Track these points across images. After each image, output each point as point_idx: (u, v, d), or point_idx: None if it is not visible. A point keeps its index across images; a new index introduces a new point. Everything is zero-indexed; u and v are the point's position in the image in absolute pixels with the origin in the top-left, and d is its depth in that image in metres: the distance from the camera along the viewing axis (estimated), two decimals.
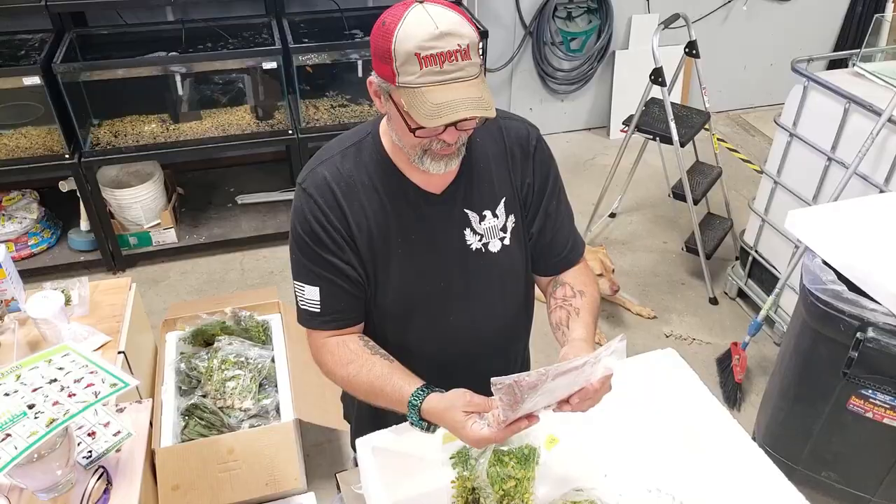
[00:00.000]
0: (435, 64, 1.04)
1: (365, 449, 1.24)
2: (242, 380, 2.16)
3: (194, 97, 3.35)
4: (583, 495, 1.38)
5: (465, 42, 1.05)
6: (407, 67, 1.05)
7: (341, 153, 1.26)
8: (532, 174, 1.32)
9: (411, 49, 1.03)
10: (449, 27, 1.04)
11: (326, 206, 1.22)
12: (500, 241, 1.31)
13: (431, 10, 1.05)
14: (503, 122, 1.31)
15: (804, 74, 2.62)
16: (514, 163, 1.31)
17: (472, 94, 1.07)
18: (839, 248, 1.87)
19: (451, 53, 1.04)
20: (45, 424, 1.23)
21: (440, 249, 1.28)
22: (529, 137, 1.32)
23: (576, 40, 4.28)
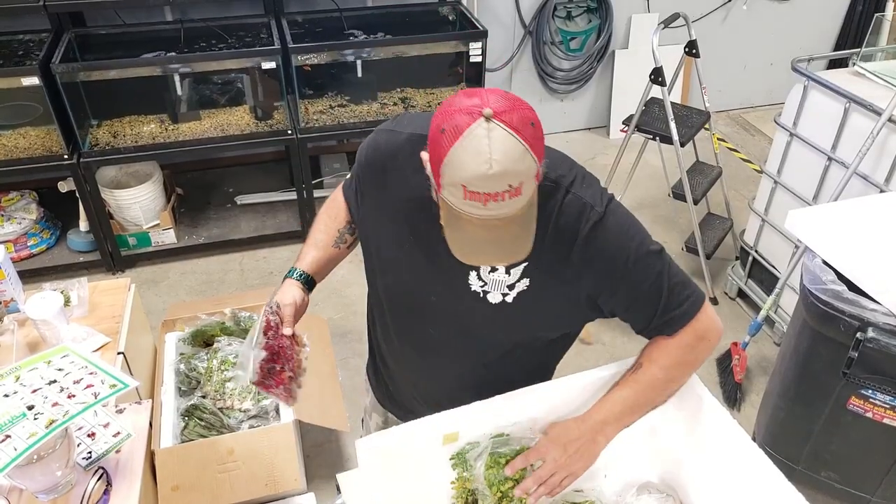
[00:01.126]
0: (479, 200, 0.98)
1: (365, 450, 1.23)
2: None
3: (193, 97, 3.34)
4: (583, 496, 1.38)
5: (520, 180, 0.97)
6: (452, 190, 0.99)
7: (409, 136, 1.24)
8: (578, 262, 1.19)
9: (459, 180, 0.97)
10: (504, 167, 0.95)
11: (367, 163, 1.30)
12: (503, 297, 1.25)
13: (494, 134, 0.95)
14: (566, 193, 1.19)
15: (804, 74, 2.62)
16: (558, 240, 1.18)
17: (509, 234, 1.03)
18: (839, 248, 1.87)
19: (499, 194, 0.97)
20: (45, 425, 1.23)
21: (442, 271, 1.24)
22: (584, 223, 1.18)
23: (575, 40, 4.28)
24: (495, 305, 1.25)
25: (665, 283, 1.24)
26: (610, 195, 1.24)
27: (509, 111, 0.98)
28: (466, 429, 1.31)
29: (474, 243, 1.05)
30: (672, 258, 1.30)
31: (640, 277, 1.22)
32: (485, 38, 3.36)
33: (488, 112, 0.95)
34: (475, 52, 3.38)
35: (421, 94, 3.57)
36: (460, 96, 1.01)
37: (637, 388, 1.30)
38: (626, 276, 1.21)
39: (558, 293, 1.24)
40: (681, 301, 1.25)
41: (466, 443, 1.32)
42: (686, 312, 1.26)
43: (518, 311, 1.25)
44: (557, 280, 1.22)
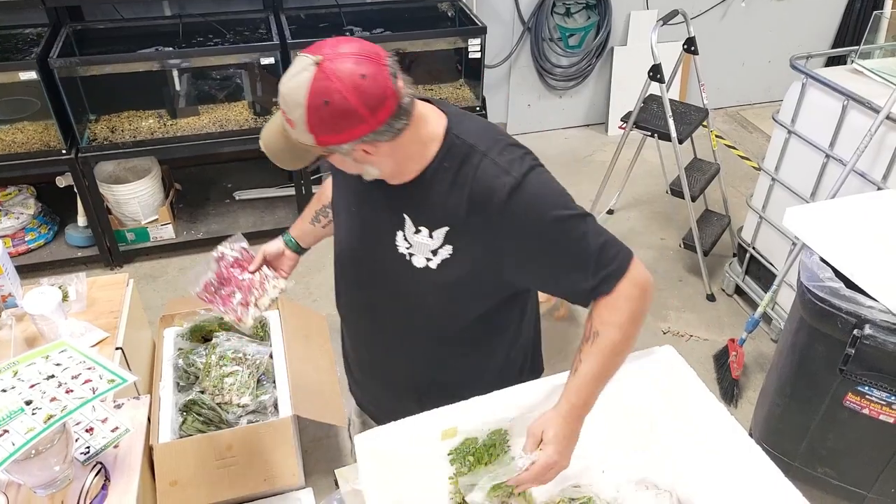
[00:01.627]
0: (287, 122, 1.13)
1: (364, 445, 1.24)
2: (240, 376, 2.16)
3: (192, 92, 3.34)
4: (581, 491, 1.38)
5: (291, 117, 1.09)
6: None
7: None
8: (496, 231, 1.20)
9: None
10: (284, 97, 1.09)
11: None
12: (426, 261, 1.26)
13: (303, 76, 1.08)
14: (481, 158, 1.20)
15: (803, 71, 2.62)
16: (473, 207, 1.20)
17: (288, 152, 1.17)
18: (837, 245, 1.87)
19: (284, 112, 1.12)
20: (43, 420, 1.23)
21: (374, 234, 1.32)
22: (499, 190, 1.18)
23: (574, 36, 4.27)
24: (420, 270, 1.28)
25: (591, 242, 1.22)
26: (532, 163, 1.23)
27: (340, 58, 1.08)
28: (464, 424, 1.31)
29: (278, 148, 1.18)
30: (667, 253, 1.30)
31: (564, 241, 1.21)
32: (484, 35, 3.35)
33: (318, 59, 1.06)
34: (474, 48, 3.38)
35: (419, 90, 3.57)
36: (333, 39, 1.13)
37: (601, 359, 1.24)
38: (549, 240, 1.21)
39: (483, 264, 1.24)
40: (612, 257, 1.24)
41: (465, 438, 1.33)
42: (620, 266, 1.24)
43: (442, 279, 1.27)
44: (480, 248, 1.22)
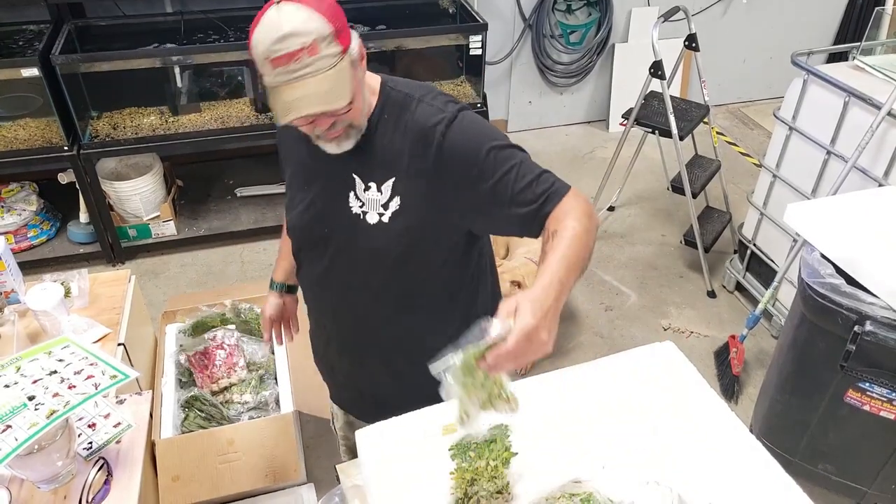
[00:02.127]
0: (283, 64, 1.10)
1: (364, 440, 1.24)
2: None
3: (193, 89, 3.34)
4: (581, 487, 1.38)
5: (311, 38, 1.09)
6: (264, 69, 1.12)
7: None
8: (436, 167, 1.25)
9: (262, 54, 1.11)
10: (293, 26, 1.08)
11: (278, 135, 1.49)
12: (378, 216, 1.31)
13: (283, 9, 1.09)
14: (417, 104, 1.27)
15: (804, 68, 2.62)
16: (415, 149, 1.26)
17: (321, 88, 1.12)
18: (838, 241, 1.87)
19: (296, 53, 1.09)
20: (46, 416, 1.23)
21: (328, 200, 1.36)
22: (435, 123, 1.24)
23: (575, 33, 4.27)
24: (374, 226, 1.32)
25: (531, 167, 1.25)
26: (465, 104, 1.31)
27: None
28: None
29: (287, 104, 1.13)
30: (668, 250, 1.29)
31: (505, 167, 1.24)
32: (485, 31, 3.35)
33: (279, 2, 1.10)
34: (475, 45, 3.38)
35: None
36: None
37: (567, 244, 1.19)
38: (490, 168, 1.23)
39: (432, 207, 1.28)
40: (552, 180, 1.26)
41: (466, 434, 1.33)
42: (562, 186, 1.26)
43: (396, 231, 1.30)
44: (426, 191, 1.27)
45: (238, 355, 2.16)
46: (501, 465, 1.35)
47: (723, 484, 1.32)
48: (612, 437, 1.36)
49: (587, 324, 3.09)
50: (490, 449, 1.34)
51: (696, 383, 1.38)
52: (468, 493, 1.36)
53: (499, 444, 1.35)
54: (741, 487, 1.28)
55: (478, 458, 1.33)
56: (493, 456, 1.34)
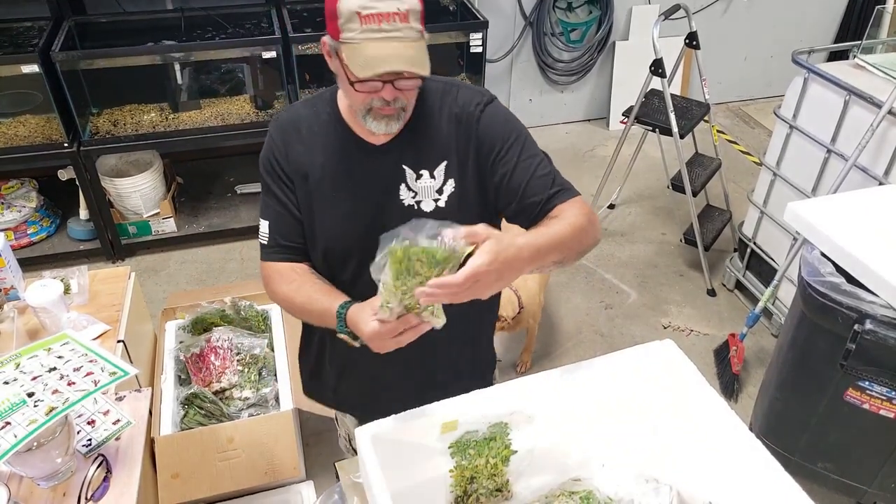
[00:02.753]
0: (374, 22, 1.12)
1: (364, 438, 1.24)
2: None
3: (193, 86, 3.34)
4: (580, 485, 1.38)
5: (405, 7, 1.13)
6: (349, 25, 1.13)
7: (304, 102, 1.40)
8: (476, 142, 1.32)
9: (353, 8, 1.11)
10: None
11: (278, 142, 1.35)
12: (434, 202, 1.33)
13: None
14: (457, 89, 1.35)
15: (804, 66, 2.61)
16: (461, 129, 1.32)
17: (407, 52, 1.15)
18: (838, 240, 1.87)
19: (390, 14, 1.12)
20: (45, 413, 1.23)
21: (374, 198, 1.33)
22: (476, 103, 1.33)
23: (576, 31, 4.26)
24: (431, 213, 1.33)
25: (550, 165, 1.36)
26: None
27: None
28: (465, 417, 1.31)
29: (375, 57, 1.14)
30: (668, 248, 1.31)
31: (530, 152, 1.34)
32: (485, 29, 3.35)
33: None
34: (475, 42, 3.38)
35: None
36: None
37: (557, 228, 1.23)
38: (518, 146, 1.32)
39: (478, 184, 1.34)
40: (567, 182, 1.35)
41: (466, 431, 1.33)
42: (572, 187, 1.35)
43: (452, 216, 1.25)
44: (473, 168, 1.33)
45: (231, 359, 2.17)
46: (501, 463, 1.36)
47: (722, 482, 1.32)
48: (612, 435, 1.36)
49: (587, 322, 3.09)
50: (489, 447, 1.34)
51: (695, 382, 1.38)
52: (467, 491, 1.36)
53: (498, 441, 1.35)
54: (740, 486, 1.27)
55: (477, 456, 1.34)
56: (493, 454, 1.34)
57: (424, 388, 1.49)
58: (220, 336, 2.22)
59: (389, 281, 1.10)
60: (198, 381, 2.12)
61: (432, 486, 1.35)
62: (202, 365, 2.15)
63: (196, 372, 2.14)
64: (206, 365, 2.14)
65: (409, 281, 1.10)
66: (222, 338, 2.21)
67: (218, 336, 2.22)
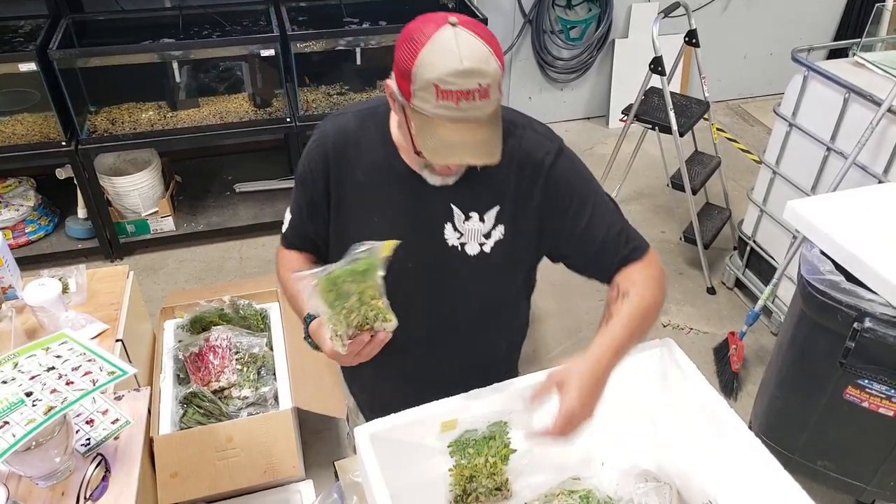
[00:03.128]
0: (452, 99, 1.02)
1: (363, 437, 1.24)
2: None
3: (192, 84, 3.33)
4: (581, 484, 1.38)
5: (487, 81, 1.03)
6: (424, 94, 1.04)
7: (354, 114, 1.31)
8: (543, 194, 1.26)
9: (431, 79, 1.02)
10: (474, 64, 1.01)
11: (318, 156, 1.29)
12: (480, 246, 1.28)
13: (461, 36, 1.02)
14: (523, 131, 1.26)
15: (804, 64, 2.61)
16: (522, 177, 1.25)
17: (482, 136, 1.07)
18: (837, 238, 1.87)
19: (471, 92, 1.02)
20: (43, 412, 1.23)
21: (416, 233, 1.27)
22: (545, 152, 1.25)
23: (575, 29, 4.26)
24: (474, 257, 1.28)
25: (622, 219, 1.32)
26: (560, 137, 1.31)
27: (472, 23, 1.06)
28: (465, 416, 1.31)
29: (448, 145, 1.07)
30: (667, 246, 1.34)
31: (603, 205, 1.29)
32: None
33: (454, 20, 1.03)
34: None
35: None
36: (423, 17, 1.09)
37: (633, 313, 1.25)
38: (592, 201, 1.28)
39: (531, 234, 1.29)
40: (636, 234, 1.33)
41: (465, 430, 1.33)
42: (644, 243, 1.33)
43: (496, 260, 1.28)
44: (530, 218, 1.27)
45: (230, 358, 2.16)
46: (500, 462, 1.35)
47: (722, 481, 1.32)
48: (612, 434, 1.36)
49: (586, 320, 3.09)
50: (489, 446, 1.34)
51: (695, 380, 1.37)
52: (467, 490, 1.36)
53: (498, 440, 1.35)
54: (740, 484, 1.27)
55: (476, 455, 1.33)
56: (492, 453, 1.34)
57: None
58: (219, 335, 2.21)
59: (328, 311, 1.12)
60: (197, 380, 2.12)
61: (432, 485, 1.35)
62: (201, 364, 2.15)
63: (195, 371, 2.14)
64: (205, 364, 2.14)
65: (345, 303, 1.12)
66: (221, 337, 2.21)
67: (217, 335, 2.21)
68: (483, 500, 1.37)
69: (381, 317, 1.16)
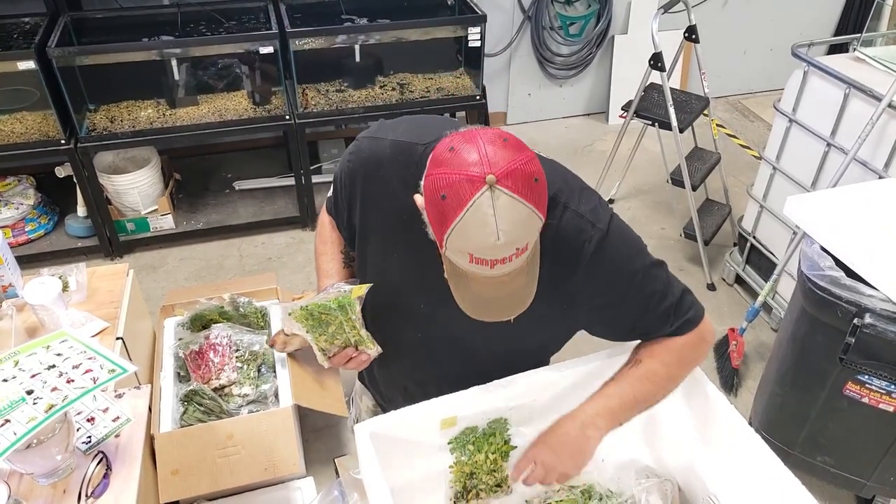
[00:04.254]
0: (486, 265, 0.97)
1: (363, 434, 1.24)
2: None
3: (191, 82, 3.33)
4: (580, 479, 1.38)
5: (525, 242, 0.97)
6: (456, 255, 0.99)
7: (391, 143, 1.22)
8: (579, 282, 1.18)
9: (465, 249, 0.96)
10: (511, 236, 0.94)
11: (348, 172, 1.27)
12: None
13: (500, 202, 0.92)
14: (563, 211, 1.14)
15: (804, 59, 2.61)
16: (557, 260, 1.15)
17: (518, 285, 1.03)
18: (837, 234, 1.87)
19: (506, 258, 0.96)
20: (44, 410, 1.23)
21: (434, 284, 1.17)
22: (585, 242, 1.14)
23: (575, 25, 4.25)
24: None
25: (675, 290, 1.24)
26: (610, 210, 1.20)
27: (512, 173, 0.93)
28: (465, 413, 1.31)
29: (483, 301, 1.05)
30: (667, 243, 1.31)
31: (650, 290, 1.21)
32: (483, 23, 3.34)
33: (491, 179, 0.91)
34: (474, 36, 3.37)
35: (419, 79, 3.55)
36: (458, 151, 0.96)
37: (634, 383, 1.25)
38: (636, 291, 1.20)
39: (555, 312, 1.23)
40: (688, 306, 1.25)
41: (465, 427, 1.33)
42: (696, 315, 1.26)
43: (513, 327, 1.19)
44: (557, 299, 1.20)
45: (230, 355, 2.16)
46: (501, 458, 1.36)
47: (722, 476, 1.32)
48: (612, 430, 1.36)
49: None
50: (489, 442, 1.34)
51: (695, 376, 1.38)
52: (467, 486, 1.36)
53: (498, 437, 1.35)
54: (740, 480, 1.28)
55: (477, 452, 1.34)
56: (493, 449, 1.34)
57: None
58: (219, 333, 2.21)
59: (309, 336, 1.25)
60: (197, 377, 2.12)
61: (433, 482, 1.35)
62: (201, 362, 2.15)
63: (195, 369, 2.14)
64: (206, 362, 2.14)
65: (327, 329, 1.25)
66: (221, 335, 2.21)
67: (217, 333, 2.21)
68: (484, 496, 1.37)
69: (363, 344, 1.28)
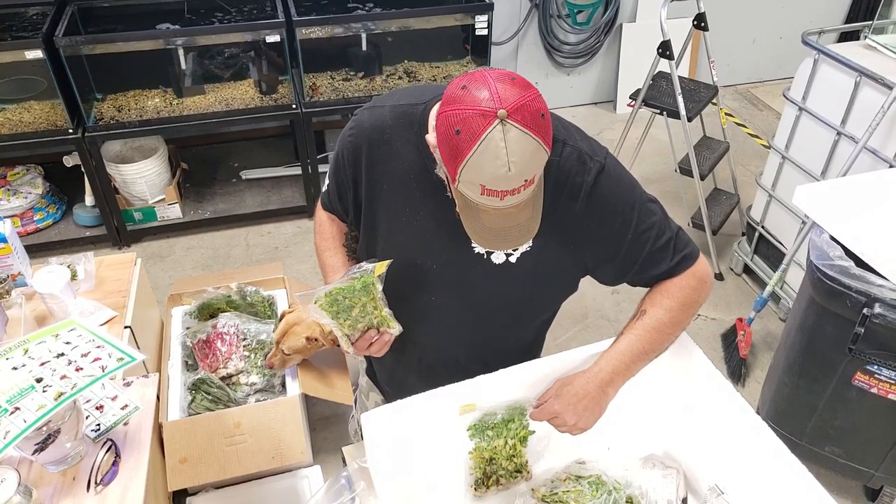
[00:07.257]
0: (497, 196, 1.02)
1: (370, 423, 1.24)
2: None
3: (197, 71, 3.32)
4: (587, 469, 1.39)
5: (533, 174, 1.02)
6: (469, 186, 1.03)
7: (391, 108, 1.27)
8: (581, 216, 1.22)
9: (477, 181, 1.01)
10: (521, 167, 0.99)
11: (351, 146, 1.29)
12: (506, 256, 1.28)
13: (511, 135, 0.97)
14: (562, 148, 1.20)
15: (815, 47, 2.58)
16: (558, 196, 1.20)
17: (525, 216, 1.08)
18: (847, 223, 1.86)
19: (516, 189, 1.01)
20: (54, 398, 1.24)
21: (444, 238, 1.27)
22: (585, 175, 1.20)
23: (582, 13, 4.22)
24: (499, 266, 1.28)
25: (669, 226, 1.30)
26: (605, 148, 1.26)
27: (521, 108, 0.98)
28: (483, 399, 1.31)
29: (492, 231, 1.10)
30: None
31: (649, 222, 1.26)
32: (491, 11, 3.32)
33: (502, 113, 0.97)
34: (481, 24, 3.35)
35: (426, 68, 3.54)
36: (470, 89, 1.01)
37: (643, 335, 1.29)
38: (636, 222, 1.25)
39: (560, 252, 1.28)
40: (685, 242, 1.32)
41: (483, 414, 1.33)
42: (693, 251, 1.32)
43: (520, 272, 1.28)
44: (561, 236, 1.25)
45: (237, 344, 2.17)
46: (519, 444, 1.36)
47: (730, 466, 1.32)
48: (619, 418, 1.36)
49: (593, 307, 3.08)
50: (507, 428, 1.35)
51: (703, 366, 1.37)
52: (487, 472, 1.36)
53: (516, 423, 1.35)
54: (748, 470, 1.28)
55: (496, 437, 1.34)
56: (511, 435, 1.35)
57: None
58: (227, 322, 2.22)
59: (333, 322, 1.25)
60: (205, 366, 2.13)
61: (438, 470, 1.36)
62: (209, 351, 2.16)
63: (203, 358, 2.15)
64: (213, 351, 2.15)
65: (351, 313, 1.25)
66: (228, 324, 2.22)
67: (224, 322, 2.22)
68: (504, 482, 1.37)
69: (385, 323, 1.27)
